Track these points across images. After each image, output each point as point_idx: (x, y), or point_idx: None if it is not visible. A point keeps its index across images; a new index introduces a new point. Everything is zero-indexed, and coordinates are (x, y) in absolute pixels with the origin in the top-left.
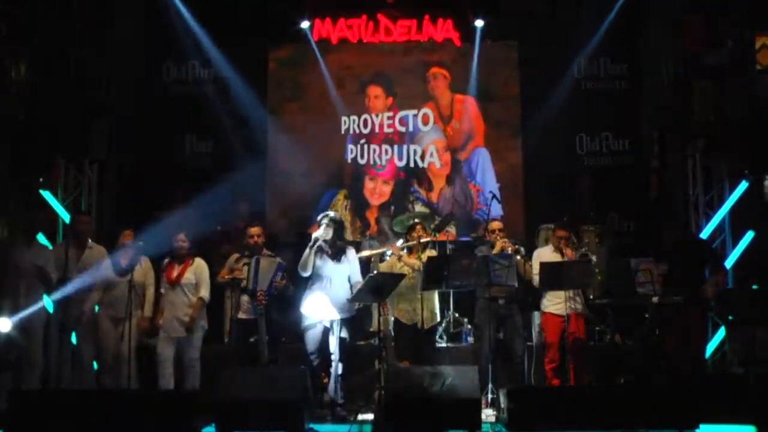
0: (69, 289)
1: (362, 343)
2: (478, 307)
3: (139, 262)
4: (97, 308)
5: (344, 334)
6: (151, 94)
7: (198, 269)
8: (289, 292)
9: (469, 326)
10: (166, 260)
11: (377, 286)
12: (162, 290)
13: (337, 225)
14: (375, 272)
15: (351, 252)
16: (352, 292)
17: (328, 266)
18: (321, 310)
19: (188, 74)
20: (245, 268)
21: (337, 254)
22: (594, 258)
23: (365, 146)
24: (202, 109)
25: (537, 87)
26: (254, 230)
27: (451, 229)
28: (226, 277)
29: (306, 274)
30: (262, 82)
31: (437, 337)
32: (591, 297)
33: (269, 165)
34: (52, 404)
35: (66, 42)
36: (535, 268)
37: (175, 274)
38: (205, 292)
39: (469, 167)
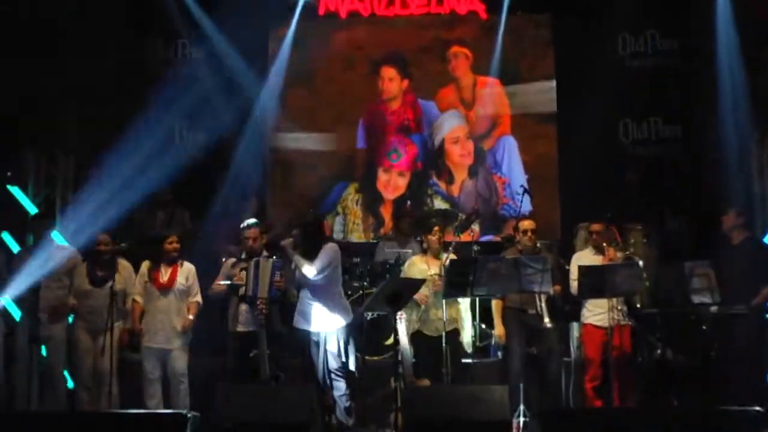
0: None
1: (376, 358)
2: (507, 318)
3: (116, 267)
4: (70, 319)
5: (334, 347)
6: (136, 76)
7: (190, 272)
8: (292, 299)
9: (497, 338)
10: (147, 264)
11: (393, 294)
12: (138, 297)
13: (302, 232)
14: (391, 277)
15: (323, 251)
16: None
17: (305, 276)
18: (307, 321)
19: (178, 53)
20: (243, 273)
21: (312, 261)
22: (641, 261)
23: (378, 134)
24: (194, 93)
25: (574, 66)
26: (251, 232)
27: (475, 227)
28: (221, 284)
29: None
30: (263, 63)
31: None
32: (638, 306)
33: (271, 156)
34: (19, 429)
35: (37, 15)
36: (573, 273)
37: (165, 278)
38: (199, 296)
39: (494, 157)
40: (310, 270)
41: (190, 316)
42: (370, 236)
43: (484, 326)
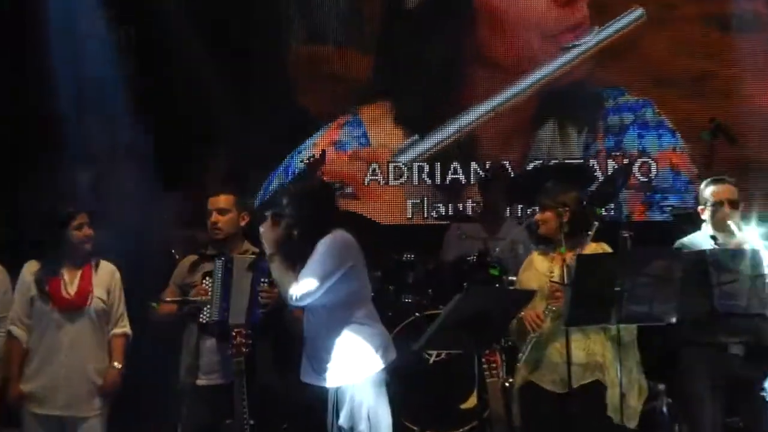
0: None
1: None
2: (689, 361)
3: None
4: None
5: (346, 416)
6: None
7: (113, 280)
8: (289, 321)
9: (670, 399)
10: (34, 266)
11: (476, 317)
12: (18, 329)
13: (298, 208)
14: (472, 286)
15: (321, 247)
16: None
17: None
18: (316, 370)
19: None
20: (208, 282)
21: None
22: None
23: None
24: None
25: None
26: (221, 200)
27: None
28: (170, 300)
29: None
30: None
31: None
32: None
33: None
34: None
35: None
36: None
37: (71, 290)
38: (126, 323)
39: None
40: (295, 290)
41: (117, 365)
42: (425, 216)
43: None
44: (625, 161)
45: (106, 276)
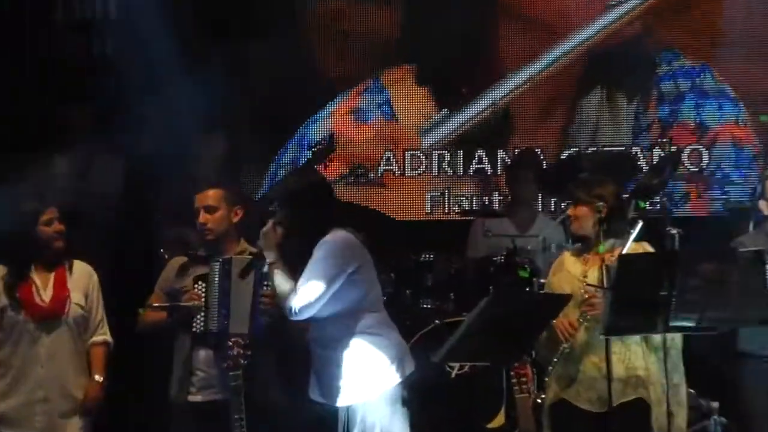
0: None
1: None
2: (748, 376)
3: None
4: None
5: None
6: None
7: (91, 282)
8: (296, 330)
9: (724, 419)
10: (5, 270)
11: (503, 325)
12: None
13: (290, 206)
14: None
15: (319, 251)
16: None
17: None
18: (323, 387)
19: None
20: (200, 286)
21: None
22: None
23: None
24: None
25: None
26: (209, 196)
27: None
28: (157, 306)
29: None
30: None
31: None
32: None
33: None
34: None
35: None
36: None
37: (45, 297)
38: (107, 330)
39: None
40: (295, 301)
41: (98, 377)
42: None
43: (693, 391)
44: (673, 149)
45: (82, 278)
